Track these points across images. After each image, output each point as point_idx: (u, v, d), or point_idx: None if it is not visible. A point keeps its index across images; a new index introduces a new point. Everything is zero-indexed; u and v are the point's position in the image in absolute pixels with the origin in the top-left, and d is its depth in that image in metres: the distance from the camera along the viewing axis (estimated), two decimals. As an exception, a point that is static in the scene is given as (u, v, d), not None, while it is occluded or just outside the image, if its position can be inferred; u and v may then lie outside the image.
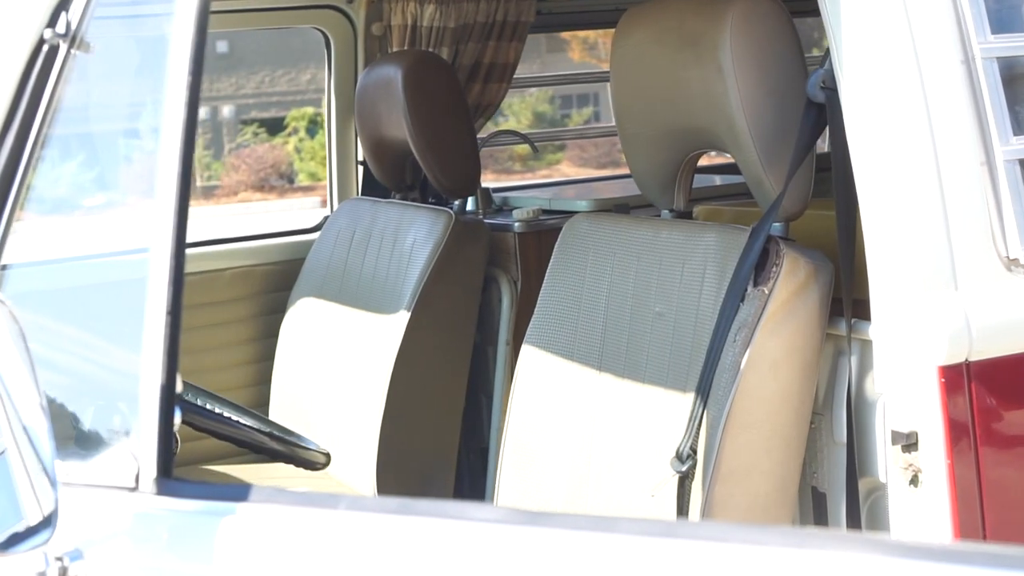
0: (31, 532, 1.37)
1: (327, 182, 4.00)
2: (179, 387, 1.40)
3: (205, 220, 16.85)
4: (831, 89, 2.17)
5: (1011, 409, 2.17)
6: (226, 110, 21.90)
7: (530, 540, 1.26)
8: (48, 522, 1.36)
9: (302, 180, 20.33)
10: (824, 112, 2.22)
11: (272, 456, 2.23)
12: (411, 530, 1.32)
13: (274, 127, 21.24)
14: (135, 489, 1.41)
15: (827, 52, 2.16)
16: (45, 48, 1.71)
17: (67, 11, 1.69)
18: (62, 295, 1.81)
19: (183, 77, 1.39)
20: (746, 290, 2.25)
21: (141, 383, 1.39)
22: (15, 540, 1.36)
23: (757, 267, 2.26)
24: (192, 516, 1.39)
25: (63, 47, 1.71)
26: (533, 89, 20.65)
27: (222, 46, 21.38)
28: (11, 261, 1.76)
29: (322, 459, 2.28)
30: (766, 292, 2.23)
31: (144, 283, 1.38)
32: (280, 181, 20.50)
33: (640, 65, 2.47)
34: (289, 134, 20.98)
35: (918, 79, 2.08)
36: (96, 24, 1.68)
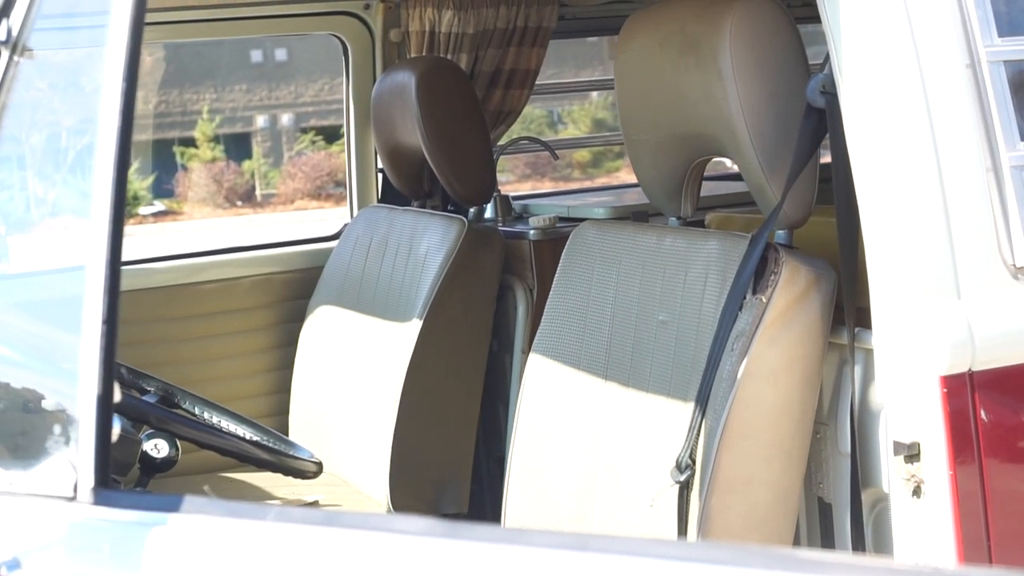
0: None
1: (347, 190, 4.00)
2: (117, 397, 1.39)
3: (260, 228, 16.97)
4: (831, 94, 2.13)
5: (1014, 420, 2.12)
6: (285, 118, 22.06)
7: (455, 552, 1.24)
8: None
9: (358, 188, 20.39)
10: (825, 117, 2.18)
11: (259, 465, 2.22)
12: (337, 542, 1.30)
13: (332, 135, 21.38)
14: (73, 499, 1.41)
15: (827, 56, 2.12)
16: None
17: (7, 17, 1.69)
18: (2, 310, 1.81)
19: (117, 89, 1.38)
20: (744, 298, 2.22)
21: (78, 393, 1.39)
22: None
23: (756, 275, 2.22)
24: (128, 527, 1.39)
25: (4, 54, 1.70)
26: (594, 95, 20.62)
27: (281, 54, 21.54)
28: None
29: (312, 468, 2.27)
30: (764, 301, 2.20)
31: (79, 298, 1.37)
32: (337, 189, 20.62)
33: (643, 70, 2.44)
34: (347, 142, 21.04)
35: (920, 83, 2.05)
36: (37, 33, 1.67)
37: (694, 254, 2.38)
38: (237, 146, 21.48)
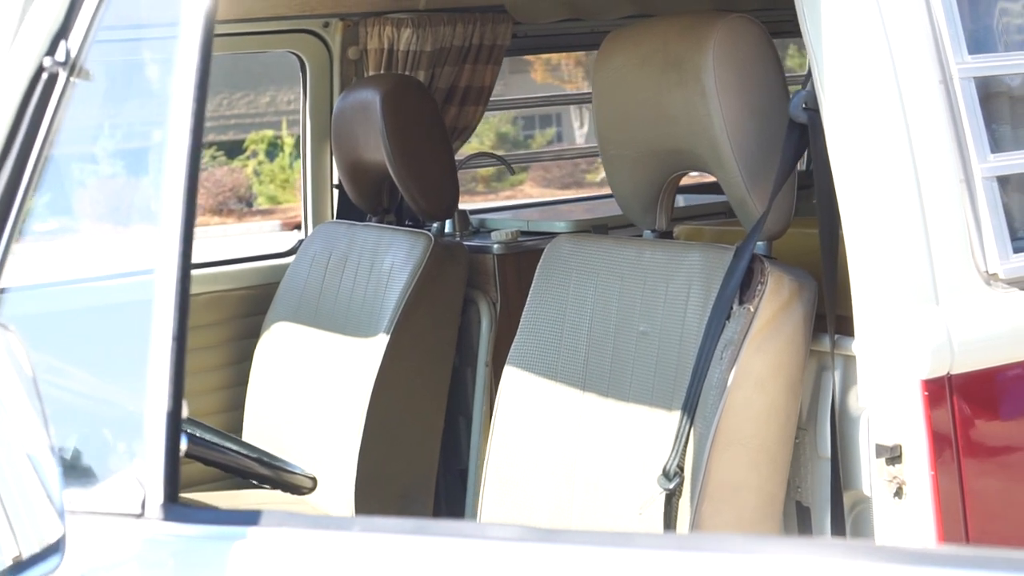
0: (39, 559, 1.36)
1: (301, 206, 4.01)
2: (185, 412, 1.40)
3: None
4: (813, 110, 2.20)
5: (991, 421, 2.20)
6: (183, 134, 21.78)
7: (546, 557, 1.26)
8: (56, 548, 1.36)
9: (261, 203, 20.28)
10: (806, 132, 2.25)
11: (260, 481, 2.24)
12: (427, 550, 1.31)
13: (233, 150, 21.18)
14: (141, 515, 1.41)
15: (809, 73, 2.19)
16: (44, 76, 1.72)
17: (66, 39, 1.71)
18: (63, 319, 1.82)
19: (189, 96, 1.40)
20: (732, 308, 2.27)
21: (146, 409, 1.39)
22: (23, 567, 1.36)
23: (742, 285, 2.29)
24: (201, 541, 1.38)
25: (62, 75, 1.72)
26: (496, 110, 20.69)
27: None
28: (11, 284, 1.76)
29: (308, 483, 2.30)
30: (752, 310, 2.26)
31: (145, 307, 1.38)
32: (239, 204, 20.43)
33: (623, 87, 2.49)
34: (248, 157, 20.93)
35: (898, 99, 2.12)
36: (97, 48, 1.70)
37: (676, 266, 2.44)
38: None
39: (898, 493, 2.12)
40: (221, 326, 3.81)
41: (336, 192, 3.92)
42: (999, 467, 2.22)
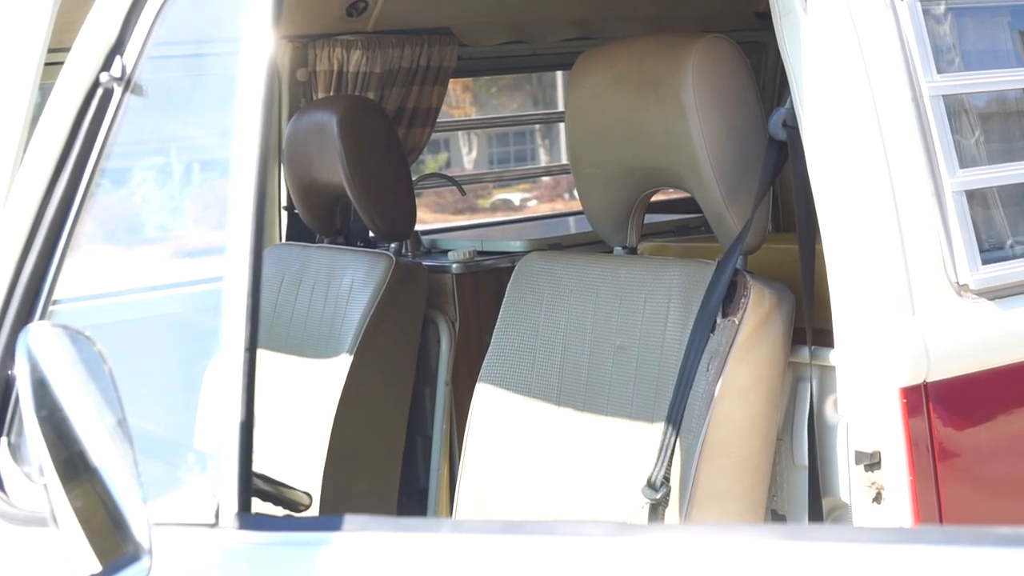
0: (122, 566, 1.35)
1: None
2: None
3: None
4: (792, 127, 2.26)
5: (964, 427, 2.28)
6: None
7: (638, 551, 1.28)
8: (138, 556, 1.35)
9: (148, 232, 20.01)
10: (785, 149, 2.31)
11: (263, 497, 2.24)
12: (521, 549, 1.32)
13: (118, 179, 20.85)
14: (215, 525, 1.40)
15: (787, 92, 2.25)
16: (100, 91, 1.73)
17: (122, 55, 1.71)
18: (128, 328, 1.80)
19: (258, 107, 1.41)
20: (716, 321, 2.32)
21: (219, 420, 1.39)
22: (110, 573, 1.35)
23: (724, 299, 2.33)
24: (278, 548, 1.37)
25: (117, 90, 1.73)
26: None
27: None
28: (72, 295, 1.76)
29: (306, 500, 2.30)
30: (736, 322, 2.31)
31: (214, 317, 1.38)
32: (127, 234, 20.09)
33: (597, 106, 2.53)
34: (137, 184, 20.61)
35: (875, 117, 2.19)
36: (152, 63, 1.71)
37: (655, 281, 2.47)
38: None
39: (877, 498, 2.18)
40: (171, 348, 3.76)
41: (285, 214, 3.91)
42: (972, 470, 2.30)
